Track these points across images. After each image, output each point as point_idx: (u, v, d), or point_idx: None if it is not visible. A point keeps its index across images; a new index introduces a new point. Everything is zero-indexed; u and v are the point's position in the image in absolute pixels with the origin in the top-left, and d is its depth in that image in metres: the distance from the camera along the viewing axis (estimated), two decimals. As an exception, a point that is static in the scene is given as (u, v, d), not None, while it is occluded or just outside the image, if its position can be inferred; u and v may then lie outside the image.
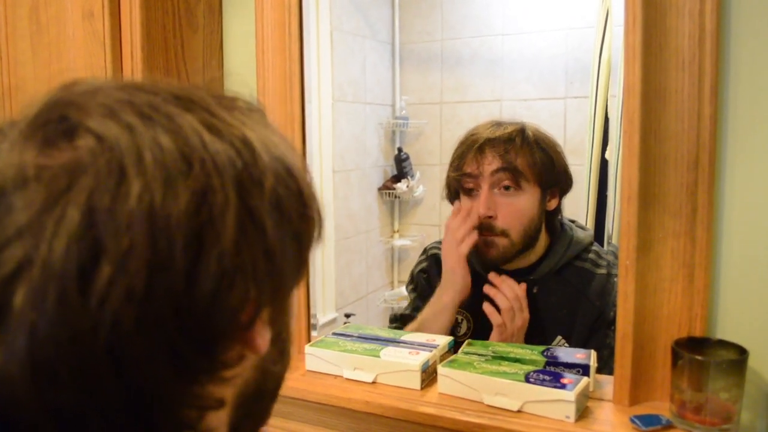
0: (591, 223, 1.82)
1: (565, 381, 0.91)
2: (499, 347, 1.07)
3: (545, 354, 1.02)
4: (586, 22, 2.32)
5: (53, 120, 0.36)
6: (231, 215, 0.36)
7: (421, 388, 1.00)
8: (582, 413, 0.91)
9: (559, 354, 1.02)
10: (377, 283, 2.74)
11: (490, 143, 1.20)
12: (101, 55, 1.10)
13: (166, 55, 1.14)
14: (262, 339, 0.40)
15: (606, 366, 1.06)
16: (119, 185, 0.33)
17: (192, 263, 0.34)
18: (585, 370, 0.97)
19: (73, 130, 0.35)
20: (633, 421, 0.87)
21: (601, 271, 1.24)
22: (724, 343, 0.87)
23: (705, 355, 0.86)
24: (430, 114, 2.70)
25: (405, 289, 1.45)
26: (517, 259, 1.24)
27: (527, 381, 0.92)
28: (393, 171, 2.76)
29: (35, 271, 0.32)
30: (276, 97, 1.14)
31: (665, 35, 0.87)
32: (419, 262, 1.41)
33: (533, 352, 1.03)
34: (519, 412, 0.91)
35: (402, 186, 2.68)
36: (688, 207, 0.88)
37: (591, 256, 1.26)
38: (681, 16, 0.86)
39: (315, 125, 2.24)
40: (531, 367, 0.97)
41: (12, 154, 0.35)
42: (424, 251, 1.42)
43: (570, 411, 0.88)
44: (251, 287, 0.37)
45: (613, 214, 1.69)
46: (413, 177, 2.72)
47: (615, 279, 1.16)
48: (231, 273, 0.35)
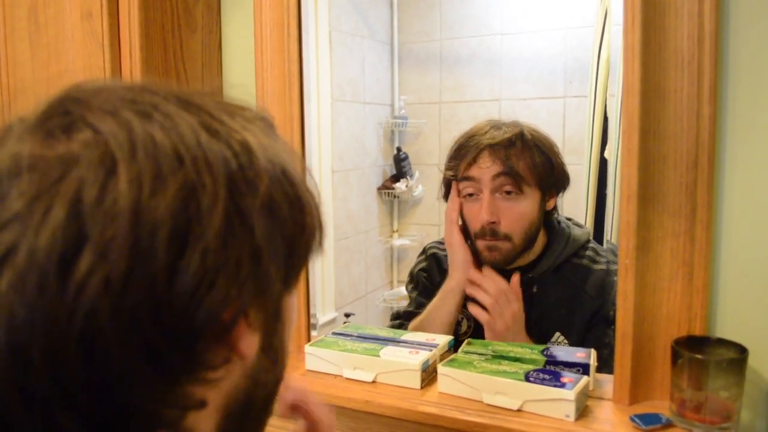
0: (590, 223, 1.82)
1: (565, 380, 0.91)
2: (499, 346, 1.07)
3: (545, 353, 1.02)
4: (584, 21, 2.32)
5: (57, 114, 0.37)
6: (218, 213, 0.36)
7: (421, 387, 1.00)
8: (582, 412, 0.91)
9: (559, 353, 1.02)
10: (376, 283, 2.74)
11: (490, 148, 1.20)
12: (100, 56, 1.10)
13: (164, 56, 1.14)
14: (246, 343, 0.40)
15: (606, 365, 1.06)
16: (108, 177, 0.34)
17: (174, 258, 0.34)
18: (585, 369, 0.97)
19: (74, 124, 0.36)
20: (633, 420, 0.87)
21: (599, 267, 1.24)
22: (723, 342, 0.87)
23: (705, 354, 0.86)
24: (429, 114, 2.70)
25: (405, 289, 1.45)
26: (516, 262, 1.25)
27: (527, 380, 0.92)
28: (392, 171, 2.76)
29: (20, 257, 0.33)
30: (275, 97, 1.14)
31: (664, 35, 0.88)
32: (419, 261, 1.41)
33: (533, 351, 1.03)
34: (519, 411, 0.91)
35: (401, 186, 2.68)
36: (687, 206, 0.88)
37: (588, 253, 1.26)
38: (680, 15, 0.86)
39: (314, 125, 2.24)
40: (531, 366, 0.97)
41: (15, 145, 0.36)
42: (423, 251, 1.42)
43: (570, 410, 0.88)
44: (233, 287, 0.37)
45: (613, 213, 1.69)
46: (412, 177, 2.72)
47: (614, 275, 1.17)
48: (213, 271, 0.35)
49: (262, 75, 1.15)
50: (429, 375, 1.03)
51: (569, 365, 0.98)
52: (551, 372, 0.95)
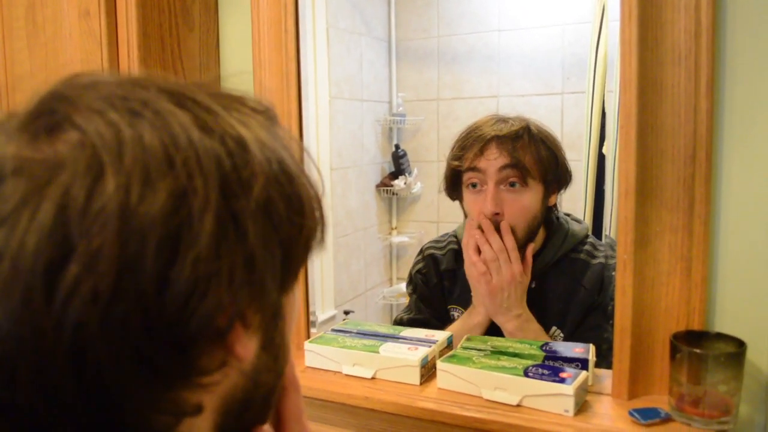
0: (589, 218, 1.82)
1: (564, 375, 0.91)
2: (498, 342, 1.07)
3: (544, 348, 1.02)
4: (582, 17, 2.32)
5: (44, 113, 0.36)
6: (210, 218, 0.34)
7: (421, 383, 1.01)
8: (581, 407, 0.91)
9: (558, 348, 1.02)
10: (376, 280, 2.75)
11: (497, 139, 1.19)
12: (98, 54, 1.10)
13: (162, 54, 1.14)
14: (243, 346, 0.39)
15: (605, 360, 1.07)
16: (96, 183, 0.33)
17: (164, 266, 0.33)
18: (584, 364, 0.97)
19: (60, 124, 0.35)
20: (632, 415, 0.88)
21: (597, 261, 1.24)
22: (722, 336, 0.88)
23: (703, 349, 0.86)
24: (427, 110, 2.71)
25: (405, 288, 1.44)
26: None
27: (526, 375, 0.92)
28: (390, 168, 2.76)
29: (5, 265, 0.32)
30: (273, 95, 1.14)
31: (661, 30, 0.88)
32: (416, 262, 1.41)
33: (532, 346, 1.04)
34: (518, 406, 0.92)
35: (400, 183, 2.68)
36: (685, 201, 0.88)
37: (586, 248, 1.27)
38: (677, 10, 0.86)
39: (312, 123, 2.24)
40: (530, 362, 0.97)
41: (3, 145, 0.35)
42: (420, 251, 1.42)
43: (569, 405, 0.88)
44: (227, 295, 0.35)
45: (611, 209, 1.70)
46: (411, 174, 2.72)
47: (612, 269, 1.19)
48: (205, 279, 0.34)
49: (259, 73, 1.16)
50: (428, 371, 1.03)
51: (568, 360, 0.98)
52: (550, 367, 0.95)
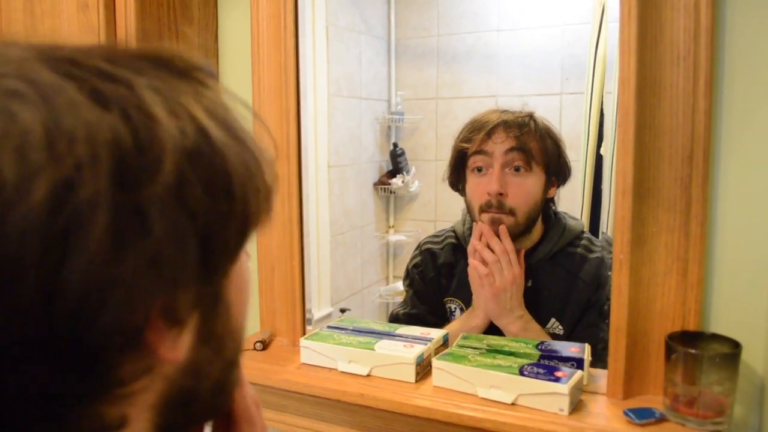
0: (586, 219, 1.82)
1: (559, 374, 0.91)
2: (494, 340, 1.07)
3: (539, 347, 1.02)
4: (581, 18, 2.32)
5: None
6: (103, 213, 0.29)
7: (416, 381, 1.01)
8: (576, 406, 0.91)
9: (554, 347, 1.02)
10: (372, 278, 2.75)
11: (504, 125, 1.23)
12: (96, 48, 1.10)
13: (161, 48, 1.14)
14: (170, 347, 0.34)
15: (600, 360, 1.07)
16: None
17: (49, 274, 0.28)
18: (579, 363, 0.97)
19: None
20: (627, 414, 0.88)
21: (594, 256, 1.27)
22: (717, 337, 0.88)
23: (698, 349, 0.86)
24: (425, 109, 2.71)
25: (402, 284, 1.45)
26: (516, 243, 1.25)
27: (521, 374, 0.92)
28: (388, 166, 2.76)
29: None
30: (271, 91, 1.14)
31: (660, 29, 0.88)
32: (413, 257, 1.42)
33: (528, 345, 1.04)
34: (513, 404, 0.92)
35: (397, 181, 2.68)
36: (682, 201, 0.88)
37: (583, 242, 1.29)
38: (676, 10, 0.86)
39: (310, 120, 2.24)
40: (525, 361, 0.97)
41: None
42: (417, 246, 1.43)
43: (564, 404, 0.88)
44: (131, 299, 0.30)
45: (608, 209, 1.70)
46: (408, 172, 2.72)
47: (610, 267, 1.16)
48: (101, 285, 0.29)
49: (258, 69, 1.15)
50: (424, 369, 1.03)
51: (563, 359, 0.98)
52: (545, 366, 0.95)
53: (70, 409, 0.32)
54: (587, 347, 1.01)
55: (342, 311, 2.38)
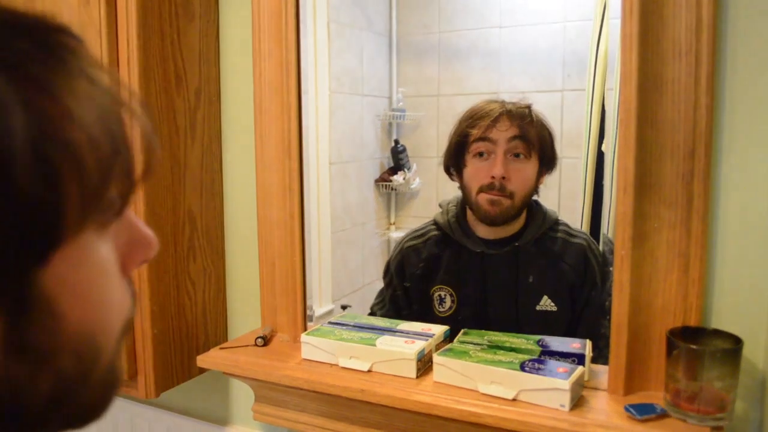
0: (587, 215, 1.82)
1: (560, 370, 0.92)
2: (495, 336, 1.07)
3: (540, 343, 1.02)
4: (583, 14, 2.31)
5: None
6: None
7: (417, 376, 1.01)
8: (577, 402, 0.91)
9: (555, 343, 1.02)
10: (373, 275, 2.74)
11: (508, 113, 1.33)
12: (97, 43, 1.09)
13: (162, 44, 1.14)
14: None
15: (601, 355, 1.07)
16: None
17: None
18: (580, 359, 0.97)
19: None
20: (628, 410, 0.88)
21: (577, 241, 1.37)
22: (718, 333, 0.88)
23: (700, 345, 0.86)
24: (427, 106, 2.70)
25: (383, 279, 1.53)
26: (504, 227, 1.36)
27: (522, 370, 0.92)
28: (389, 163, 2.76)
29: None
30: (272, 86, 1.14)
31: (662, 25, 0.87)
32: (394, 257, 1.48)
33: (528, 341, 1.04)
34: (514, 400, 0.92)
35: (398, 178, 2.68)
36: (683, 197, 0.88)
37: (562, 227, 1.40)
38: (678, 5, 0.86)
39: (312, 116, 2.23)
40: (526, 356, 0.97)
41: None
42: (398, 245, 1.50)
43: (565, 400, 0.88)
44: None
45: (610, 206, 1.70)
46: (410, 169, 2.72)
47: (594, 252, 1.36)
48: None
49: (259, 64, 1.15)
50: (424, 364, 1.03)
51: (564, 355, 0.98)
52: (546, 362, 0.95)
53: None
54: (588, 343, 1.01)
55: (343, 308, 2.38)
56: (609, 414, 0.89)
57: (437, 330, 1.09)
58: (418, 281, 1.41)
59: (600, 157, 1.83)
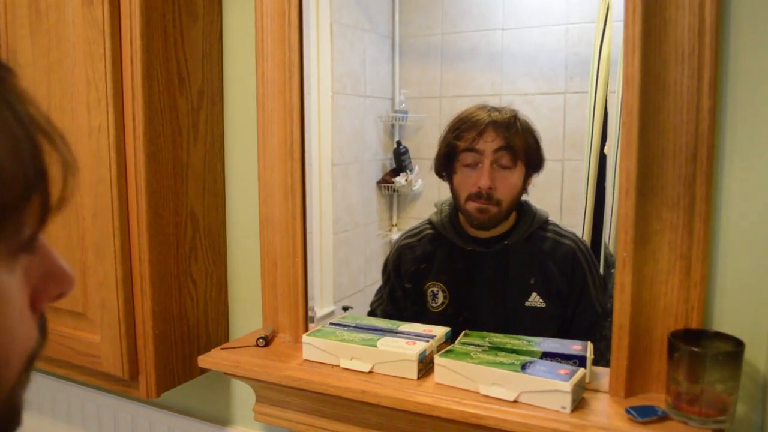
0: (589, 217, 1.82)
1: (562, 372, 0.91)
2: (496, 338, 1.07)
3: (542, 345, 1.02)
4: (586, 17, 2.31)
5: None
6: None
7: (418, 377, 1.01)
8: (578, 404, 0.91)
9: (556, 345, 1.02)
10: (375, 277, 2.74)
11: (494, 125, 1.36)
12: (100, 43, 1.10)
13: (165, 44, 1.14)
14: None
15: (602, 357, 1.07)
16: None
17: None
18: (581, 361, 0.97)
19: None
20: (629, 412, 0.87)
21: (566, 242, 1.40)
22: (720, 335, 0.88)
23: (701, 347, 0.86)
24: (429, 108, 2.70)
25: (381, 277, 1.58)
26: (495, 228, 1.41)
27: (523, 371, 0.92)
28: (392, 164, 2.76)
29: None
30: (275, 87, 1.14)
31: (665, 27, 0.87)
32: (390, 255, 1.54)
33: (530, 343, 1.04)
34: (515, 402, 0.92)
35: (401, 180, 2.68)
36: (685, 199, 0.88)
37: (551, 227, 1.43)
38: (681, 8, 0.86)
39: (314, 118, 2.24)
40: (527, 358, 0.97)
41: None
42: (394, 244, 1.55)
43: (566, 401, 0.88)
44: None
45: (612, 208, 1.69)
46: (412, 171, 2.72)
47: (582, 257, 1.39)
48: None
49: (262, 64, 1.15)
50: (426, 366, 1.03)
51: (566, 357, 0.98)
52: (548, 364, 0.95)
53: None
54: (590, 345, 1.01)
55: (345, 309, 2.38)
56: (610, 416, 0.89)
57: (438, 331, 1.09)
58: (412, 278, 1.46)
59: (602, 160, 1.83)
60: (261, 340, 1.16)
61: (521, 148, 1.36)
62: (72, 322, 1.22)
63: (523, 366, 0.94)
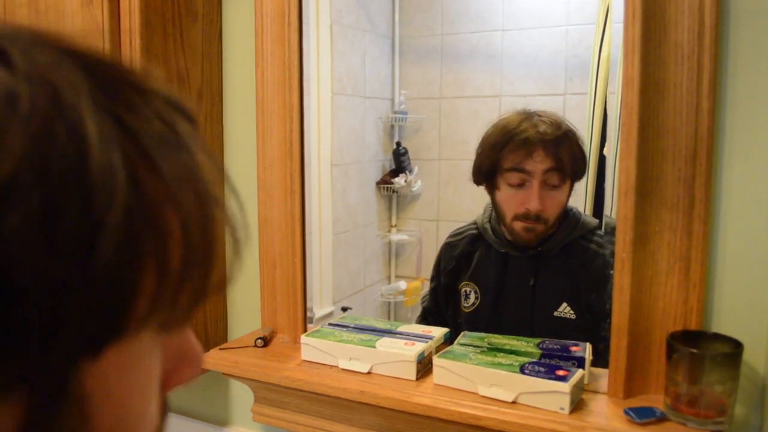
0: (588, 219, 1.82)
1: (561, 373, 0.91)
2: (495, 339, 1.07)
3: (541, 346, 1.02)
4: (586, 18, 2.31)
5: None
6: None
7: (417, 378, 1.00)
8: (577, 405, 0.91)
9: (555, 346, 1.02)
10: (374, 278, 2.74)
11: (542, 143, 1.28)
12: (100, 43, 1.10)
13: (164, 44, 1.14)
14: None
15: (601, 358, 1.07)
16: None
17: None
18: (580, 362, 0.97)
19: None
20: (627, 414, 0.87)
21: (606, 252, 1.33)
22: (719, 337, 0.88)
23: (700, 349, 0.86)
24: (429, 109, 2.70)
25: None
26: (536, 236, 1.34)
27: (522, 372, 0.92)
28: (391, 165, 2.76)
29: None
30: (275, 87, 1.14)
31: (664, 29, 0.87)
32: (438, 253, 1.51)
33: (529, 344, 1.03)
34: (514, 403, 0.91)
35: (400, 180, 2.68)
36: (685, 200, 0.88)
37: (596, 239, 1.35)
38: (680, 10, 0.86)
39: (314, 118, 2.23)
40: (526, 359, 0.97)
41: None
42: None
43: (565, 402, 0.88)
44: None
45: (611, 209, 1.69)
46: (411, 172, 2.71)
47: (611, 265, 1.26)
48: None
49: (262, 64, 1.15)
50: (424, 366, 1.03)
51: (565, 358, 0.98)
52: (547, 365, 0.95)
53: None
54: (588, 346, 1.01)
55: (344, 310, 2.38)
56: (609, 417, 0.89)
57: (437, 332, 1.09)
58: (450, 276, 1.44)
59: (602, 161, 1.83)
60: (260, 340, 1.16)
61: (569, 164, 1.30)
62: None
63: (522, 367, 0.94)
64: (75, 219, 0.25)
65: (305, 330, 1.17)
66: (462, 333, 1.11)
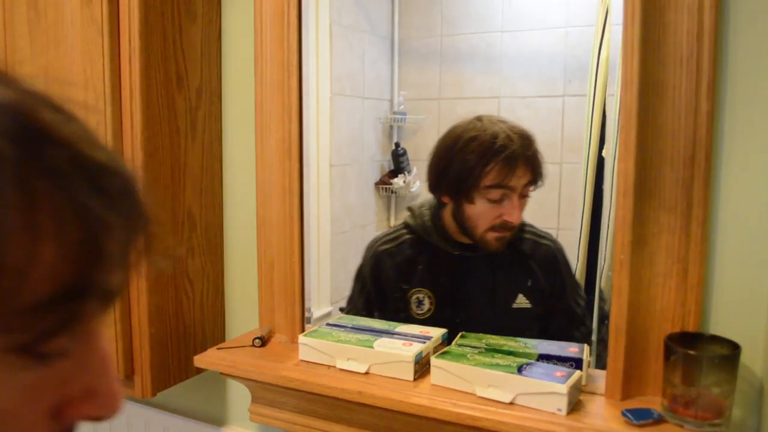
0: (587, 221, 1.82)
1: (558, 374, 0.91)
2: (493, 340, 1.07)
3: (538, 347, 1.02)
4: (585, 20, 2.31)
5: None
6: None
7: (414, 379, 1.00)
8: (574, 406, 0.91)
9: (552, 347, 1.02)
10: (372, 278, 2.74)
11: (524, 158, 1.29)
12: (99, 42, 1.10)
13: (164, 44, 1.14)
14: None
15: (598, 359, 1.07)
16: None
17: None
18: (578, 363, 0.97)
19: None
20: (625, 415, 0.87)
21: (545, 242, 1.41)
22: (716, 339, 0.88)
23: (698, 350, 0.86)
24: (428, 110, 2.70)
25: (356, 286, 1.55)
26: None
27: (520, 373, 0.92)
28: (390, 166, 2.76)
29: None
30: (274, 87, 1.14)
31: (664, 30, 0.88)
32: (366, 263, 1.48)
33: (526, 345, 1.03)
34: (511, 404, 0.91)
35: (399, 181, 2.68)
36: (683, 202, 0.88)
37: (528, 229, 1.41)
38: (680, 11, 0.86)
39: (312, 118, 2.23)
40: (524, 360, 0.97)
41: None
42: (368, 250, 1.49)
43: (562, 404, 0.88)
44: None
45: (609, 211, 1.70)
46: (410, 172, 2.71)
47: (561, 258, 1.41)
48: None
49: (261, 65, 1.15)
50: (422, 367, 1.03)
51: (562, 359, 0.98)
52: (544, 366, 0.95)
53: None
54: (586, 348, 1.01)
55: (341, 310, 2.38)
56: (606, 418, 0.89)
57: (435, 333, 1.09)
58: (393, 285, 1.40)
59: (600, 163, 1.83)
60: (257, 340, 1.16)
61: (539, 175, 1.33)
62: (68, 321, 1.21)
63: (520, 368, 0.93)
64: None
65: (303, 330, 1.17)
66: (460, 333, 1.11)
